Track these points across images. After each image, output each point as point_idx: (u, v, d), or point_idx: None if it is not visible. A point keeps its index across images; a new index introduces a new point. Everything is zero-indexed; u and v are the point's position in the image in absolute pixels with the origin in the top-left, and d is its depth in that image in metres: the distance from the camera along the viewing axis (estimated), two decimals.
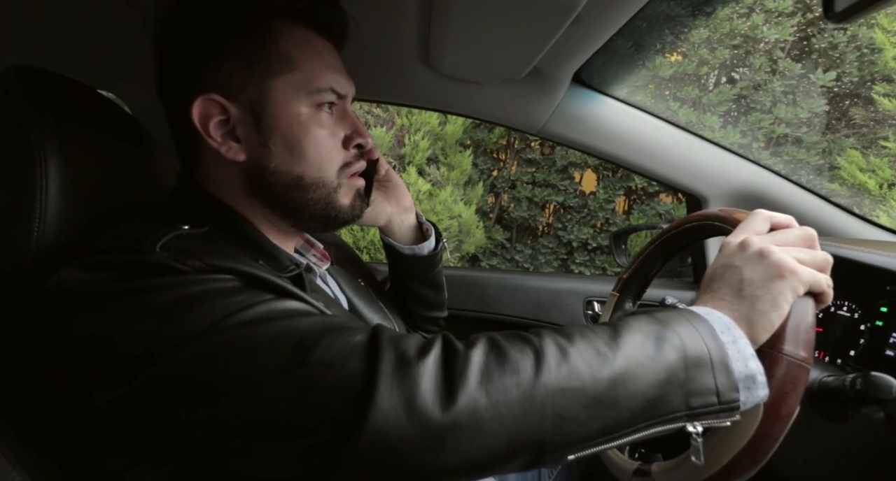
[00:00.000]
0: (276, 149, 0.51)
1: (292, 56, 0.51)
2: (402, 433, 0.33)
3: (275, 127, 0.51)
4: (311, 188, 0.53)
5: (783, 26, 3.15)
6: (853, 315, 0.70)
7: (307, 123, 0.52)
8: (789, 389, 0.43)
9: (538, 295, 1.17)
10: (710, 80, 3.52)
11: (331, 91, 0.53)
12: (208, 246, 0.44)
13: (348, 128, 0.56)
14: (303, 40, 0.53)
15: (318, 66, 0.53)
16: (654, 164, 1.02)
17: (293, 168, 0.52)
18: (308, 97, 0.52)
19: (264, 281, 0.43)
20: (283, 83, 0.51)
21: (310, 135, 0.52)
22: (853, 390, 0.45)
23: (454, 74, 0.84)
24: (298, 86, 0.51)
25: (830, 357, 0.71)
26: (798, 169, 3.21)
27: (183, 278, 0.40)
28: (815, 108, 3.16)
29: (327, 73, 0.53)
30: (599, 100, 0.97)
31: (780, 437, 0.43)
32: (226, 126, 0.51)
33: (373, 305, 0.72)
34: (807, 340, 0.44)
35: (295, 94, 0.51)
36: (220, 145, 0.51)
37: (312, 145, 0.52)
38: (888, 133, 3.03)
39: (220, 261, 0.42)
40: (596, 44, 0.71)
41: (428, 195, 2.94)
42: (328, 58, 0.55)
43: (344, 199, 0.56)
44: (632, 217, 3.47)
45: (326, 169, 0.54)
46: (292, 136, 0.51)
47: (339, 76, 0.55)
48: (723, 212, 0.60)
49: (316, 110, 0.53)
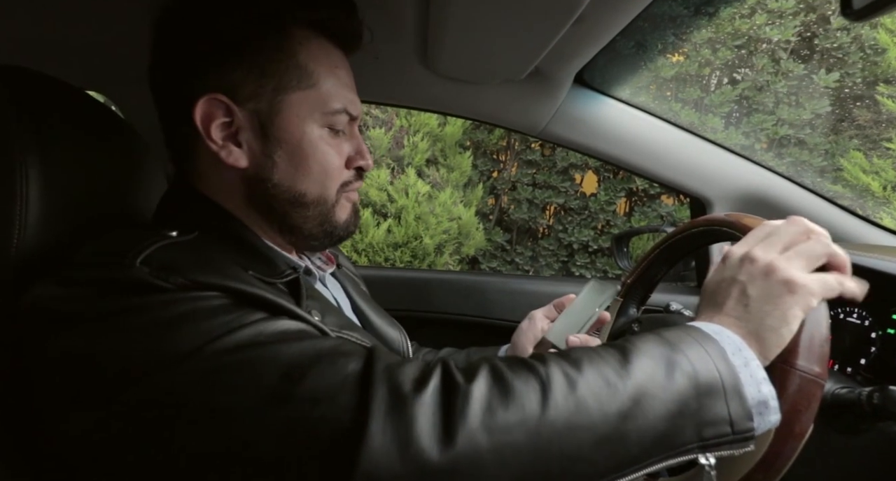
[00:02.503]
0: (281, 162, 0.50)
1: (311, 71, 0.50)
2: (396, 477, 0.31)
3: (282, 140, 0.49)
4: (312, 205, 0.52)
5: (786, 26, 3.13)
6: (864, 323, 0.68)
7: (317, 142, 0.51)
8: (803, 406, 0.41)
9: (539, 299, 1.15)
10: (712, 80, 3.50)
11: (345, 113, 0.52)
12: (195, 257, 0.42)
13: (353, 149, 0.55)
14: (322, 54, 0.51)
15: (335, 85, 0.51)
16: (657, 167, 1.00)
17: (296, 184, 0.51)
18: (322, 117, 0.51)
19: (255, 297, 0.40)
20: (298, 99, 0.49)
21: (318, 154, 0.51)
22: (870, 404, 0.43)
23: (453, 75, 0.82)
24: (314, 105, 0.50)
25: (840, 366, 0.69)
26: (801, 170, 3.19)
27: (165, 297, 0.37)
28: (817, 109, 3.15)
29: (344, 93, 0.52)
30: (602, 101, 0.96)
31: (794, 455, 0.41)
32: (228, 129, 0.49)
33: (377, 310, 0.70)
34: (821, 354, 0.42)
35: (309, 113, 0.50)
36: (221, 148, 0.49)
37: (319, 164, 0.51)
38: (892, 134, 3.01)
39: (207, 277, 0.39)
40: (598, 44, 0.70)
41: (427, 197, 2.92)
42: (344, 75, 0.53)
43: (341, 214, 0.55)
44: (633, 219, 3.45)
45: (329, 187, 0.53)
46: (300, 153, 0.50)
47: (353, 96, 0.54)
48: (730, 217, 0.59)
49: (328, 131, 0.52)
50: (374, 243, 2.84)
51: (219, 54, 0.48)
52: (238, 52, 0.48)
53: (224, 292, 0.39)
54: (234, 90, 0.48)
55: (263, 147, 0.49)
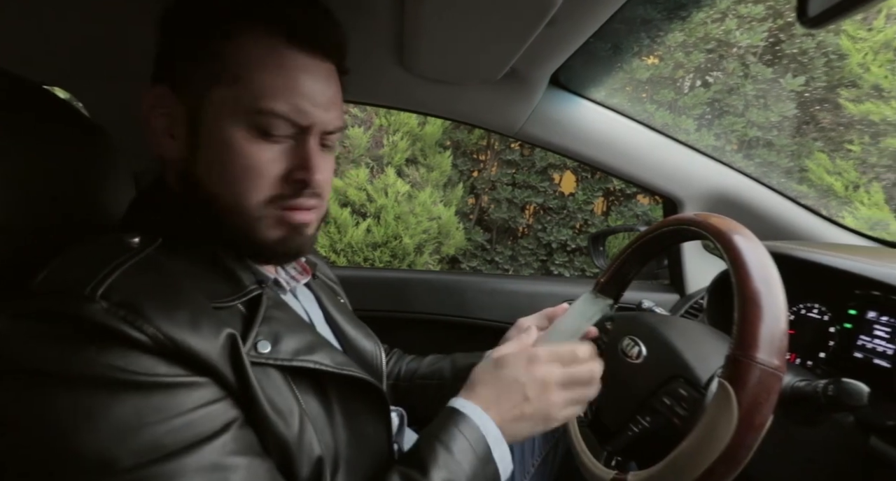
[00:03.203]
0: (202, 159, 0.48)
1: (240, 66, 0.46)
2: None
3: (204, 136, 0.47)
4: (226, 212, 0.48)
5: (755, 32, 3.23)
6: (823, 317, 0.70)
7: (238, 145, 0.46)
8: (763, 398, 0.43)
9: (517, 298, 1.16)
10: (685, 83, 3.59)
11: (280, 118, 0.46)
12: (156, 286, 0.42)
13: (295, 161, 0.48)
14: (263, 49, 0.46)
15: (269, 85, 0.46)
16: (631, 167, 1.02)
17: (211, 185, 0.48)
18: (247, 117, 0.46)
19: (192, 357, 0.40)
20: (222, 94, 0.46)
21: (238, 159, 0.46)
22: (825, 396, 0.45)
23: (430, 75, 0.82)
24: (237, 103, 0.46)
25: (801, 359, 0.72)
26: (769, 171, 3.30)
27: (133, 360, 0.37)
28: (785, 112, 3.26)
29: (281, 94, 0.46)
30: (577, 102, 0.97)
31: (755, 446, 0.42)
32: (167, 121, 0.49)
33: (355, 322, 0.69)
34: (780, 348, 0.44)
35: (231, 111, 0.46)
36: (156, 137, 0.49)
37: (238, 169, 0.47)
38: (853, 137, 3.14)
39: (174, 326, 0.39)
40: (572, 46, 0.71)
41: (407, 196, 2.91)
42: (294, 76, 0.47)
43: (270, 232, 0.50)
44: (610, 218, 3.52)
45: (248, 197, 0.48)
46: (218, 153, 0.47)
47: (300, 100, 0.47)
48: (698, 217, 0.60)
49: (256, 134, 0.47)
50: (352, 243, 2.82)
51: (170, 45, 0.49)
52: (182, 43, 0.48)
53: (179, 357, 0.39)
54: (176, 81, 0.48)
55: (190, 141, 0.48)
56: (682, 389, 0.53)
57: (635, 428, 0.57)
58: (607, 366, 0.69)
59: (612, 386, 0.66)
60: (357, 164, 3.00)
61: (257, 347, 0.45)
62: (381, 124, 3.06)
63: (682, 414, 0.52)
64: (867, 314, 0.64)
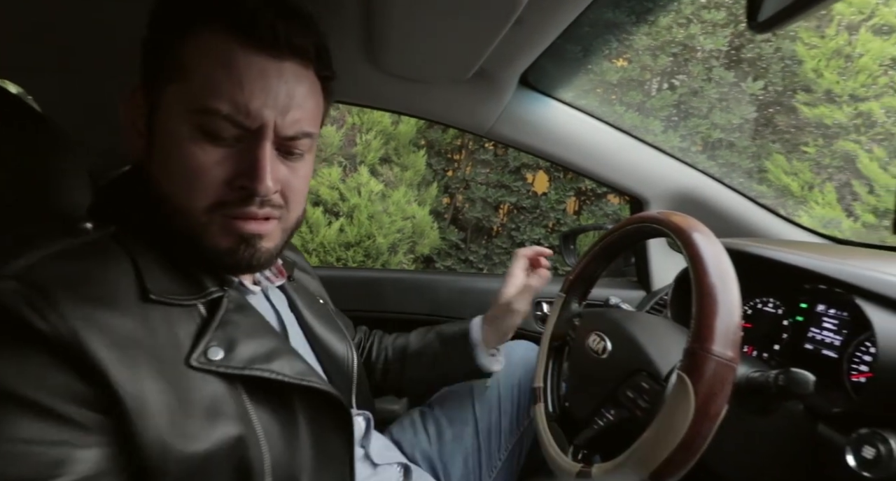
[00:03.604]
0: (155, 157, 0.48)
1: (187, 64, 0.45)
2: None
3: (158, 136, 0.47)
4: (175, 214, 0.46)
5: (717, 36, 3.35)
6: (776, 311, 0.74)
7: (182, 145, 0.45)
8: (717, 389, 0.44)
9: (489, 296, 1.17)
10: (652, 85, 3.69)
11: (220, 117, 0.44)
12: (78, 276, 0.40)
13: (243, 165, 0.45)
14: (210, 48, 0.44)
15: (217, 82, 0.44)
16: (598, 167, 1.04)
17: (162, 184, 0.47)
18: (190, 116, 0.44)
19: None
20: (171, 92, 0.46)
21: (181, 156, 0.45)
22: (776, 386, 0.47)
23: (399, 73, 0.82)
24: (182, 99, 0.45)
25: (758, 351, 0.75)
26: (731, 171, 3.43)
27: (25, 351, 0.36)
28: (745, 115, 3.39)
29: (223, 93, 0.43)
30: (546, 102, 0.98)
31: (710, 435, 0.44)
32: (136, 117, 0.49)
33: (330, 325, 0.68)
34: (734, 340, 0.46)
35: (177, 109, 0.45)
36: (126, 131, 0.49)
37: (182, 169, 0.45)
38: (808, 139, 3.30)
39: (77, 323, 0.38)
40: (540, 46, 0.72)
41: (381, 196, 2.89)
42: (242, 76, 0.44)
43: (218, 240, 0.47)
44: (582, 217, 3.58)
45: (193, 199, 0.46)
46: (166, 152, 0.46)
47: (251, 103, 0.44)
48: (661, 215, 0.62)
49: (200, 134, 0.45)
50: (325, 242, 2.78)
51: (147, 44, 0.49)
52: (148, 40, 0.48)
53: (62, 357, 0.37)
54: (145, 78, 0.49)
55: (148, 138, 0.48)
56: (644, 382, 0.55)
57: (600, 421, 0.58)
58: (575, 362, 0.71)
59: (580, 381, 0.68)
60: (329, 163, 2.96)
61: (207, 354, 0.43)
62: (354, 123, 3.03)
63: (643, 406, 0.53)
64: (817, 307, 0.68)
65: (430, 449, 0.80)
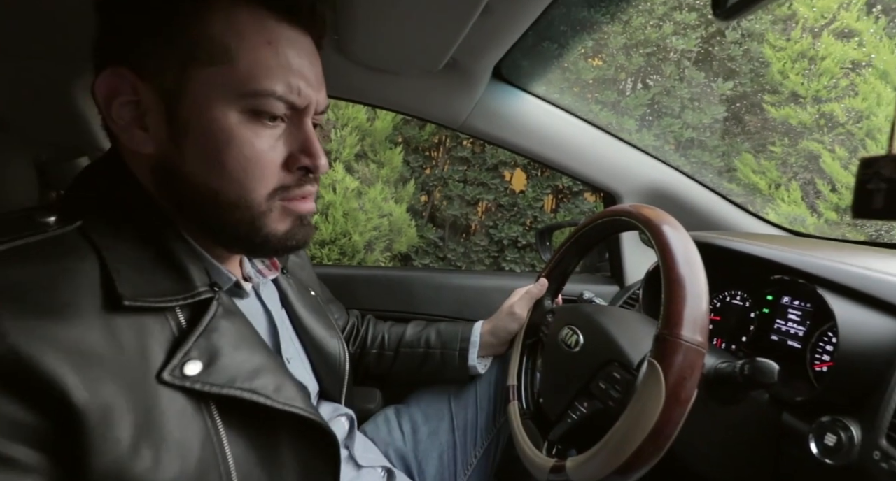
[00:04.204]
0: (189, 152, 0.42)
1: (227, 43, 0.40)
2: None
3: (190, 126, 0.41)
4: (230, 208, 0.43)
5: (689, 37, 3.43)
6: (744, 303, 0.75)
7: (233, 132, 0.41)
8: (687, 374, 0.44)
9: (464, 292, 1.16)
10: (627, 85, 3.75)
11: (276, 99, 0.42)
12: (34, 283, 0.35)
13: (295, 145, 0.45)
14: (250, 24, 0.41)
15: (263, 63, 0.41)
16: (571, 162, 1.04)
17: (208, 180, 0.42)
18: (240, 100, 0.41)
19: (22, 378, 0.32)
20: (208, 77, 0.40)
21: (235, 147, 0.41)
22: (742, 375, 0.48)
23: (369, 63, 0.80)
24: (228, 84, 0.41)
25: (726, 343, 0.76)
26: (702, 169, 3.52)
27: None
28: (716, 115, 3.49)
29: (276, 73, 0.42)
30: (520, 96, 0.98)
31: (681, 421, 0.44)
32: (135, 110, 0.42)
33: (321, 320, 0.66)
34: (703, 326, 0.46)
35: (222, 94, 0.41)
36: (121, 130, 0.42)
37: (236, 160, 0.42)
38: (775, 138, 3.41)
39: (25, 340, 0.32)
40: (510, 37, 0.71)
41: (356, 193, 2.85)
42: (286, 53, 0.42)
43: (276, 225, 0.45)
44: (559, 214, 3.62)
45: (252, 190, 0.43)
46: (211, 144, 0.41)
47: (296, 80, 0.43)
48: (631, 208, 0.62)
49: (251, 118, 0.42)
50: None
51: (126, 20, 0.42)
52: (145, 17, 0.41)
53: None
54: (140, 62, 0.41)
55: (170, 132, 0.42)
56: (616, 373, 0.55)
57: (574, 414, 0.58)
58: (548, 358, 0.71)
59: (553, 376, 0.67)
60: None
61: (183, 368, 0.38)
62: (329, 118, 2.98)
63: (615, 396, 0.53)
64: (782, 299, 0.69)
65: (405, 447, 0.79)
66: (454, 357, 0.79)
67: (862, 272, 0.56)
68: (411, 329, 0.84)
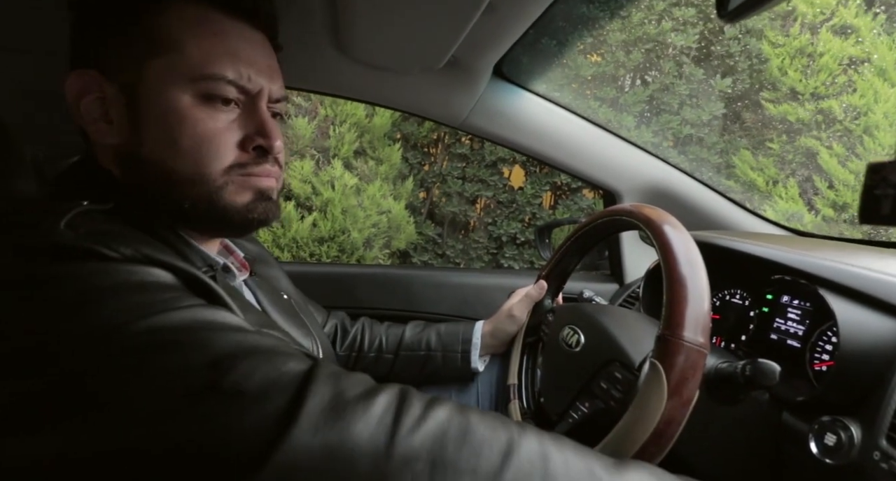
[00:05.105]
0: (148, 135, 0.46)
1: (176, 35, 0.45)
2: (314, 473, 0.28)
3: (148, 113, 0.46)
4: (187, 184, 0.47)
5: (688, 34, 3.42)
6: (744, 302, 0.75)
7: (186, 113, 0.45)
8: (689, 374, 0.45)
9: (463, 291, 1.16)
10: (626, 81, 3.75)
11: (225, 82, 0.46)
12: (121, 226, 0.40)
13: (251, 127, 0.48)
14: (196, 18, 0.46)
15: (210, 51, 0.46)
16: (571, 160, 1.04)
17: (166, 160, 0.46)
18: (192, 85, 0.45)
19: (197, 281, 0.39)
20: (161, 65, 0.45)
21: (188, 126, 0.45)
22: (743, 376, 0.48)
23: (369, 61, 0.79)
24: (180, 70, 0.45)
25: (726, 342, 0.76)
26: (700, 166, 3.52)
27: (104, 266, 0.34)
28: (714, 111, 3.48)
29: (224, 59, 0.46)
30: (520, 94, 0.97)
31: (683, 421, 0.44)
32: (101, 105, 0.47)
33: (294, 321, 0.66)
34: (704, 327, 0.46)
35: (174, 79, 0.45)
36: (89, 124, 0.47)
37: (190, 137, 0.46)
38: (773, 135, 3.42)
39: (151, 250, 0.37)
40: (513, 35, 0.70)
41: (355, 190, 2.84)
42: (233, 43, 0.47)
43: (234, 197, 0.49)
44: (557, 211, 3.62)
45: (206, 165, 0.47)
46: (166, 125, 0.45)
47: (243, 67, 0.47)
48: (632, 207, 0.62)
49: (203, 101, 0.46)
50: (297, 238, 2.72)
51: (90, 26, 0.47)
52: (103, 22, 0.46)
53: (168, 270, 0.37)
54: (104, 63, 0.46)
55: (132, 121, 0.46)
56: (617, 372, 0.55)
57: (575, 414, 0.58)
58: (549, 357, 0.71)
59: (554, 376, 0.67)
60: (301, 156, 2.89)
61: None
62: (327, 114, 2.97)
63: (617, 396, 0.53)
64: (782, 298, 0.69)
65: None
66: (456, 359, 0.79)
67: (863, 272, 0.56)
68: (410, 330, 0.84)
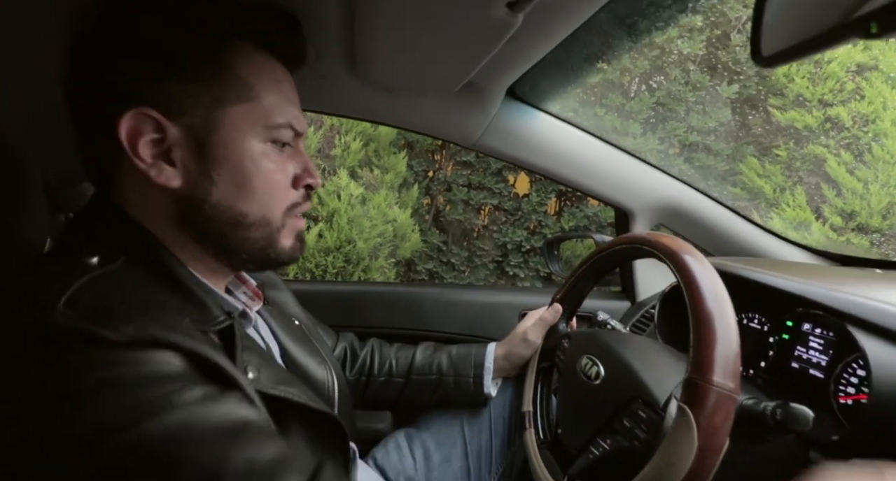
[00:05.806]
0: (222, 181, 0.46)
1: (252, 84, 0.47)
2: None
3: (222, 158, 0.46)
4: (254, 227, 0.49)
5: (694, 40, 3.41)
6: (763, 328, 0.74)
7: (259, 159, 0.48)
8: (720, 421, 0.44)
9: (473, 309, 1.15)
10: (631, 88, 3.73)
11: (289, 128, 0.50)
12: (127, 296, 0.39)
13: (299, 167, 0.52)
14: (265, 68, 0.49)
15: (278, 99, 0.49)
16: (584, 179, 1.04)
17: (237, 204, 0.48)
18: (265, 132, 0.48)
19: (208, 364, 0.38)
20: (238, 112, 0.46)
21: (261, 171, 0.48)
22: (773, 420, 0.47)
23: (383, 85, 0.79)
24: (256, 118, 0.47)
25: (744, 368, 0.75)
26: (707, 174, 3.50)
27: (101, 355, 0.33)
28: (721, 118, 3.47)
29: (288, 107, 0.50)
30: (533, 114, 0.97)
31: (714, 469, 0.43)
32: (159, 146, 0.45)
33: (308, 348, 0.66)
34: (734, 370, 0.45)
35: (251, 127, 0.47)
36: (150, 167, 0.45)
37: (262, 182, 0.48)
38: (780, 142, 3.39)
39: (160, 329, 0.36)
40: (531, 60, 0.70)
41: (361, 199, 2.84)
42: (288, 90, 0.51)
43: (285, 240, 0.52)
44: (563, 219, 3.61)
45: (273, 208, 0.50)
46: (242, 171, 0.47)
47: (297, 112, 0.51)
48: (650, 237, 0.61)
49: (269, 146, 0.49)
50: None
51: (148, 65, 0.45)
52: (171, 63, 0.45)
53: (175, 351, 0.36)
54: (165, 104, 0.44)
55: (200, 165, 0.46)
56: (640, 411, 0.54)
57: (596, 450, 0.57)
58: (566, 387, 0.70)
59: (572, 408, 0.66)
60: None
61: (247, 371, 0.43)
62: (333, 124, 2.97)
63: (641, 436, 0.52)
64: (803, 326, 0.68)
65: (417, 474, 0.78)
66: (468, 383, 0.78)
67: (893, 310, 0.55)
68: (420, 353, 0.83)
